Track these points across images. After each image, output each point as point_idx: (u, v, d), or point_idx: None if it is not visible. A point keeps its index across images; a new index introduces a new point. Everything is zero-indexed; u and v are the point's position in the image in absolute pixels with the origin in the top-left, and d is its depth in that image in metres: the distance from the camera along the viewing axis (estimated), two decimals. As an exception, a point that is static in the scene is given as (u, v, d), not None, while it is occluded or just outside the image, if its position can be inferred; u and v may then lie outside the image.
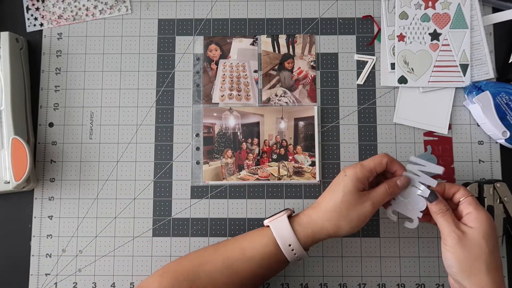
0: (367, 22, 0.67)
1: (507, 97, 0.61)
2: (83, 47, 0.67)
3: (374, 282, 0.61)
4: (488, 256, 0.47)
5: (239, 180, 0.63)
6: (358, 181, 0.51)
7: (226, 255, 0.51)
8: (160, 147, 0.65)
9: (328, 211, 0.50)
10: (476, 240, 0.48)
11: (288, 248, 0.51)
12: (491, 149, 0.63)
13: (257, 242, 0.51)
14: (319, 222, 0.51)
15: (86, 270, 0.62)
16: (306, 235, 0.51)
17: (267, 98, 0.65)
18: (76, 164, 0.64)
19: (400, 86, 0.64)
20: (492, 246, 0.48)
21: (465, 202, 0.51)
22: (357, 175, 0.51)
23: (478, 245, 0.48)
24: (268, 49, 0.66)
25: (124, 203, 0.63)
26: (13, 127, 0.60)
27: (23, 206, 0.64)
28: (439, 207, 0.51)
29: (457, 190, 0.52)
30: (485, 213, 0.49)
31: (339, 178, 0.52)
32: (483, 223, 0.48)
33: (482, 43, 0.64)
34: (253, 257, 0.51)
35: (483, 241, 0.47)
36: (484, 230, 0.48)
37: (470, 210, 0.50)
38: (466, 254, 0.48)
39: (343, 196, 0.50)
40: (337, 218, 0.50)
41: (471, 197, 0.51)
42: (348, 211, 0.50)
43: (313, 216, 0.51)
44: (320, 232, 0.51)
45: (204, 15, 0.67)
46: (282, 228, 0.51)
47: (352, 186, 0.50)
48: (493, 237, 0.48)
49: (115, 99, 0.66)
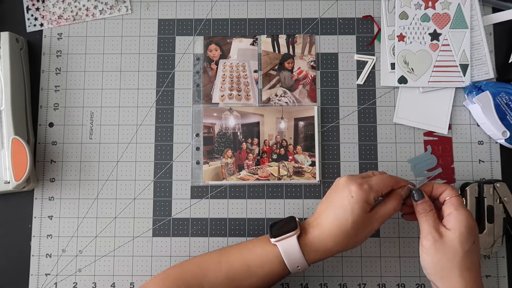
0: (367, 22, 0.67)
1: (507, 97, 0.61)
2: (83, 47, 0.67)
3: (374, 282, 0.61)
4: (462, 258, 0.47)
5: (239, 180, 0.63)
6: (366, 204, 0.49)
7: (230, 267, 0.51)
8: (160, 147, 0.65)
9: (337, 235, 0.49)
10: (451, 242, 0.47)
11: (295, 268, 0.50)
12: (491, 149, 0.63)
13: (264, 260, 0.50)
14: (329, 246, 0.50)
15: (86, 270, 0.62)
16: (315, 258, 0.50)
17: (267, 98, 0.65)
18: (76, 164, 0.64)
19: (400, 86, 0.64)
20: (467, 247, 0.47)
21: (448, 202, 0.50)
22: (365, 199, 0.49)
23: (452, 247, 0.47)
24: (268, 49, 0.66)
25: (124, 203, 0.63)
26: (13, 127, 0.60)
27: (23, 206, 0.64)
28: (423, 207, 0.50)
29: (444, 190, 0.51)
30: (465, 213, 0.48)
31: (344, 195, 0.49)
32: (461, 224, 0.48)
33: (482, 43, 0.64)
34: (258, 273, 0.50)
35: (457, 243, 0.47)
36: (461, 232, 0.47)
37: (451, 211, 0.49)
38: (439, 256, 0.48)
39: (352, 222, 0.48)
40: (347, 241, 0.50)
41: (456, 197, 0.50)
42: (357, 233, 0.49)
43: (322, 238, 0.50)
44: (329, 253, 0.50)
45: (204, 15, 0.67)
46: (292, 251, 0.50)
47: (361, 212, 0.49)
48: (469, 238, 0.47)
49: (115, 99, 0.66)
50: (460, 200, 0.50)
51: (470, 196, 0.59)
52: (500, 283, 0.61)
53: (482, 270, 0.61)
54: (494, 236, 0.59)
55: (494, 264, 0.61)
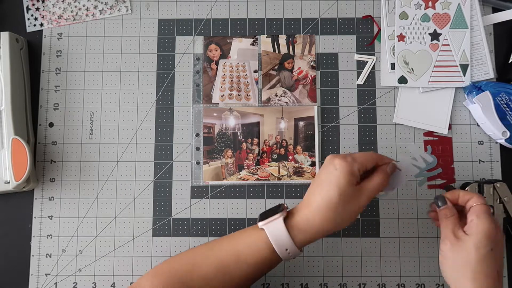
0: (367, 22, 0.67)
1: (507, 97, 0.61)
2: (83, 47, 0.67)
3: (374, 282, 0.61)
4: (476, 263, 0.48)
5: (239, 180, 0.63)
6: (351, 175, 0.49)
7: (220, 258, 0.51)
8: (160, 147, 0.65)
9: (325, 210, 0.49)
10: (467, 246, 0.48)
11: (284, 252, 0.50)
12: (491, 149, 0.63)
13: (252, 246, 0.50)
14: (317, 223, 0.49)
15: (86, 270, 0.62)
16: (304, 239, 0.50)
17: (267, 98, 0.65)
18: (76, 164, 0.64)
19: (400, 86, 0.64)
20: (483, 254, 0.48)
21: (472, 209, 0.51)
22: (349, 169, 0.49)
23: (467, 252, 0.48)
24: (268, 49, 0.66)
25: (124, 203, 0.63)
26: (13, 127, 0.60)
27: (23, 206, 0.64)
28: (444, 213, 0.52)
29: (470, 198, 0.52)
30: (486, 221, 0.49)
31: (329, 171, 0.49)
32: (479, 230, 0.48)
33: (482, 43, 0.64)
34: (248, 261, 0.50)
35: (473, 249, 0.48)
36: (478, 239, 0.48)
37: (472, 218, 0.50)
38: (455, 259, 0.49)
39: (339, 194, 0.48)
40: (335, 216, 0.49)
41: (479, 205, 0.51)
42: (345, 207, 0.49)
43: (310, 218, 0.49)
44: (318, 233, 0.50)
45: (204, 15, 0.67)
46: (278, 234, 0.49)
47: (346, 182, 0.48)
48: (487, 244, 0.48)
49: (115, 99, 0.66)
50: (484, 208, 0.50)
51: None
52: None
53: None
54: None
55: (494, 264, 0.61)
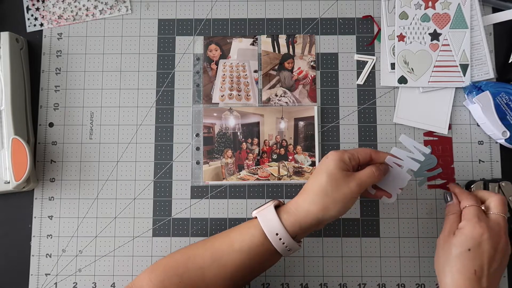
0: (367, 22, 0.67)
1: (507, 97, 0.61)
2: (83, 47, 0.67)
3: (374, 282, 0.61)
4: (452, 260, 0.50)
5: (239, 180, 0.63)
6: (340, 161, 0.51)
7: (214, 248, 0.51)
8: (160, 147, 0.65)
9: (313, 194, 0.50)
10: (449, 244, 0.51)
11: (275, 237, 0.50)
12: (491, 149, 0.63)
13: (245, 234, 0.51)
14: (305, 206, 0.50)
15: (86, 270, 0.62)
16: (293, 222, 0.50)
17: (267, 98, 0.65)
18: (76, 164, 0.64)
19: (400, 86, 0.64)
20: (458, 252, 0.50)
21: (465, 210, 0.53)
22: (339, 156, 0.51)
23: (448, 249, 0.51)
24: (268, 49, 0.66)
25: (124, 203, 0.63)
26: (13, 127, 0.60)
27: (23, 206, 0.64)
28: (448, 209, 0.56)
29: (463, 199, 0.55)
30: (472, 224, 0.50)
31: (322, 161, 0.52)
32: (462, 233, 0.51)
33: (482, 43, 0.64)
34: (241, 248, 0.50)
35: (451, 247, 0.51)
36: (457, 238, 0.51)
37: (462, 219, 0.53)
38: (441, 254, 0.52)
39: (327, 176, 0.50)
40: (323, 200, 0.49)
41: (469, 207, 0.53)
42: (333, 191, 0.49)
43: (299, 202, 0.51)
44: (307, 217, 0.50)
45: (204, 15, 0.67)
46: (268, 217, 0.50)
47: (335, 166, 0.50)
48: (464, 245, 0.50)
49: (115, 99, 0.66)
50: (473, 210, 0.52)
51: None
52: (500, 283, 0.61)
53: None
54: None
55: (494, 264, 0.61)
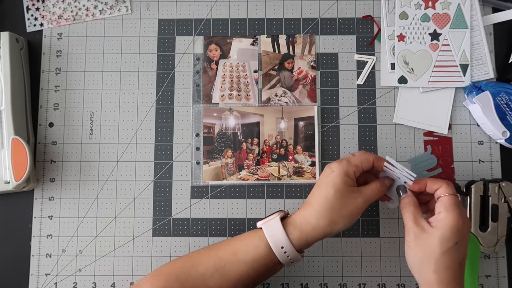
0: (367, 22, 0.67)
1: (507, 97, 0.61)
2: (83, 47, 0.67)
3: (374, 282, 0.61)
4: (439, 256, 0.47)
5: (239, 180, 0.63)
6: (347, 176, 0.50)
7: (218, 256, 0.51)
8: (160, 147, 0.65)
9: (320, 209, 0.50)
10: (431, 239, 0.48)
11: (280, 251, 0.50)
12: (491, 149, 0.63)
13: (250, 244, 0.51)
14: (312, 221, 0.50)
15: (86, 270, 0.62)
16: (300, 237, 0.50)
17: (267, 98, 0.65)
18: (76, 164, 0.64)
19: (400, 86, 0.64)
20: (447, 248, 0.47)
21: (440, 200, 0.49)
22: (344, 170, 0.50)
23: (431, 245, 0.47)
24: (268, 49, 0.66)
25: (124, 203, 0.63)
26: (13, 127, 0.60)
27: (23, 206, 0.64)
28: (404, 202, 0.51)
29: (439, 187, 0.50)
30: (454, 214, 0.48)
31: (326, 174, 0.51)
32: (445, 225, 0.47)
33: (482, 43, 0.64)
34: (245, 259, 0.50)
35: (437, 243, 0.47)
36: (443, 233, 0.47)
37: (440, 210, 0.49)
38: (418, 250, 0.48)
39: (335, 192, 0.50)
40: (331, 215, 0.49)
41: (448, 196, 0.49)
42: (341, 207, 0.49)
43: (306, 215, 0.50)
44: (314, 231, 0.50)
45: (204, 15, 0.67)
46: (274, 230, 0.50)
47: (342, 182, 0.50)
48: (451, 239, 0.47)
49: (115, 99, 0.66)
50: (452, 200, 0.49)
51: (475, 194, 0.59)
52: (500, 283, 0.61)
53: (482, 270, 0.61)
54: (498, 235, 0.59)
55: (494, 264, 0.61)
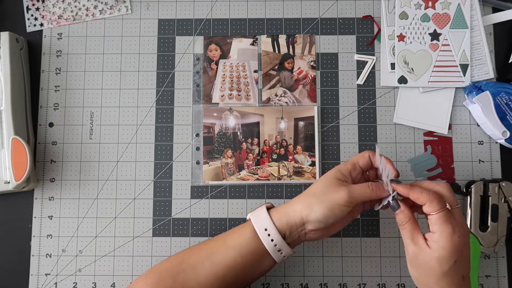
0: (367, 22, 0.67)
1: (507, 97, 0.61)
2: (83, 47, 0.67)
3: (374, 282, 0.61)
4: (440, 276, 0.46)
5: (239, 180, 0.63)
6: (339, 172, 0.51)
7: (209, 247, 0.53)
8: (160, 147, 0.65)
9: (303, 195, 0.52)
10: (429, 261, 0.46)
11: (264, 233, 0.50)
12: (491, 149, 0.63)
13: (238, 231, 0.53)
14: (292, 203, 0.52)
15: (86, 270, 0.62)
16: (280, 218, 0.51)
17: (267, 98, 0.65)
18: (76, 164, 0.64)
19: (400, 86, 0.64)
20: (447, 268, 0.45)
21: (430, 219, 0.46)
22: (338, 167, 0.52)
23: (430, 266, 0.46)
24: (268, 49, 0.66)
25: (124, 203, 0.63)
26: (13, 127, 0.60)
27: (23, 206, 0.64)
28: (399, 218, 0.49)
29: (425, 202, 0.46)
30: (448, 235, 0.45)
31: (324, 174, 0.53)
32: (440, 247, 0.45)
33: (482, 43, 0.64)
34: (233, 245, 0.51)
35: (436, 264, 0.45)
36: (439, 254, 0.45)
37: (433, 230, 0.46)
38: (419, 270, 0.47)
39: (321, 181, 0.51)
40: (309, 199, 0.50)
41: (438, 214, 0.46)
42: (321, 194, 0.50)
43: (289, 202, 0.53)
44: (293, 214, 0.51)
45: (204, 15, 0.67)
46: (259, 214, 0.52)
47: (332, 175, 0.51)
48: (450, 259, 0.45)
49: (115, 99, 0.66)
50: (443, 218, 0.45)
51: (475, 194, 0.59)
52: (500, 283, 0.61)
53: (482, 270, 0.61)
54: (498, 235, 0.59)
55: (494, 264, 0.61)
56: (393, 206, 0.49)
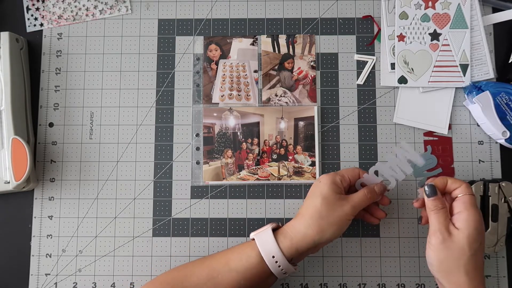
0: (367, 22, 0.67)
1: (507, 97, 0.61)
2: (83, 47, 0.67)
3: (374, 282, 0.61)
4: (469, 258, 0.48)
5: (239, 180, 0.63)
6: (333, 184, 0.52)
7: (211, 266, 0.52)
8: (160, 147, 0.65)
9: (309, 217, 0.51)
10: (459, 242, 0.48)
11: (271, 260, 0.50)
12: (491, 149, 0.63)
13: (242, 254, 0.52)
14: (302, 229, 0.51)
15: (86, 270, 0.62)
16: (290, 246, 0.51)
17: (267, 98, 0.65)
18: (76, 164, 0.64)
19: (400, 86, 0.64)
20: (475, 249, 0.48)
21: (460, 199, 0.50)
22: (331, 179, 0.53)
23: (460, 248, 0.48)
24: (268, 49, 0.66)
25: (124, 203, 0.63)
26: (13, 127, 0.60)
27: (23, 206, 0.64)
28: (435, 204, 0.50)
29: (458, 186, 0.50)
30: (475, 214, 0.49)
31: (314, 185, 0.54)
32: (470, 225, 0.48)
33: (482, 43, 0.64)
34: (237, 268, 0.51)
35: (466, 244, 0.47)
36: (469, 233, 0.48)
37: (461, 210, 0.49)
38: (447, 254, 0.48)
39: (322, 200, 0.51)
40: (319, 222, 0.50)
41: (469, 195, 0.50)
42: (328, 214, 0.51)
43: (296, 225, 0.52)
44: (304, 240, 0.51)
45: (204, 15, 0.67)
46: (265, 240, 0.51)
47: (329, 190, 0.52)
48: (477, 240, 0.48)
49: (115, 99, 0.66)
50: (473, 200, 0.49)
51: (475, 194, 0.59)
52: (500, 283, 0.61)
53: (482, 270, 0.61)
54: (498, 235, 0.59)
55: (494, 264, 0.61)
56: (430, 192, 0.51)
